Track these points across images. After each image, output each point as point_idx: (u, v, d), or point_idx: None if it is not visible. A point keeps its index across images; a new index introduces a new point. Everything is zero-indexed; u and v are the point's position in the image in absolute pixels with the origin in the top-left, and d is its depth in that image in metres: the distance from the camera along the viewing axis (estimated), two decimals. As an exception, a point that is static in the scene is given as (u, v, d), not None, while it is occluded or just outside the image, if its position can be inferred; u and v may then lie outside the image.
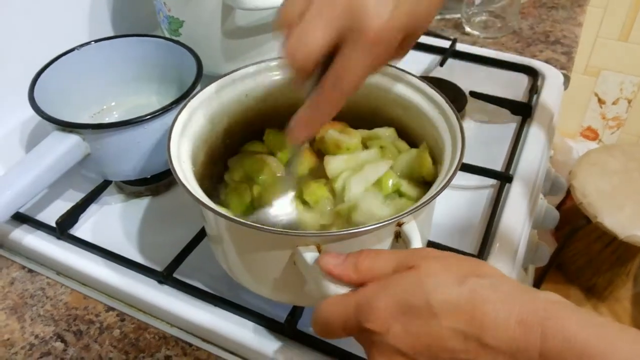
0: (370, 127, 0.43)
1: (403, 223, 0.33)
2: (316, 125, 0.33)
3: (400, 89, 0.42)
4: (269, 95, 0.44)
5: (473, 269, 0.27)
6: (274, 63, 0.43)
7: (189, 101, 0.40)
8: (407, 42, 0.34)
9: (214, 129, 0.42)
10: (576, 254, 1.29)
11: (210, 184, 0.41)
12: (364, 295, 0.27)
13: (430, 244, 0.43)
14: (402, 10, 0.30)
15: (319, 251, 0.32)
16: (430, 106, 0.40)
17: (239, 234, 0.35)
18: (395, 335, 0.26)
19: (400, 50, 0.34)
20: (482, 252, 0.44)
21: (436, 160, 0.38)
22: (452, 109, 0.38)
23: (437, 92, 0.40)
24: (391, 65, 0.43)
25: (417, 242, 0.32)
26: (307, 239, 0.32)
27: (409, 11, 0.30)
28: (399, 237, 0.33)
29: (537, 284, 1.22)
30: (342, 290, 0.29)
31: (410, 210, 0.32)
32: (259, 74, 0.43)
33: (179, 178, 0.34)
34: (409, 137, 0.42)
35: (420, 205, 0.32)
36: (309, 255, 0.31)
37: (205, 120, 0.40)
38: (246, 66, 0.43)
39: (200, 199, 0.33)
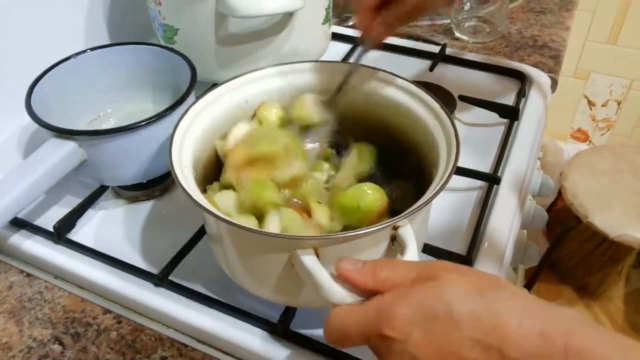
0: (366, 131, 0.44)
1: (399, 227, 0.33)
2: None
3: (397, 95, 0.43)
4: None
5: (492, 282, 0.27)
6: (273, 70, 0.45)
7: (189, 108, 0.41)
8: None
9: (215, 134, 0.43)
10: (568, 254, 1.30)
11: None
12: (385, 302, 0.27)
13: (425, 247, 0.44)
14: None
15: (317, 254, 0.32)
16: (425, 111, 0.41)
17: (239, 237, 0.36)
18: (415, 343, 0.26)
19: None
20: (471, 252, 0.45)
21: (432, 164, 0.40)
22: (447, 114, 0.39)
23: (432, 97, 0.41)
24: (386, 72, 0.44)
25: (412, 245, 0.32)
26: (305, 242, 0.33)
27: None
28: (395, 240, 0.34)
29: (530, 283, 1.24)
30: (348, 295, 0.29)
31: (406, 214, 0.33)
32: (259, 80, 0.44)
33: (180, 183, 0.34)
34: (405, 141, 0.43)
35: (415, 209, 0.33)
36: (307, 258, 0.32)
37: (205, 126, 0.41)
38: (246, 73, 0.44)
39: (201, 203, 0.34)
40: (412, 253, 0.32)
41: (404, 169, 0.43)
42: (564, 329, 0.24)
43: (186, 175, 0.36)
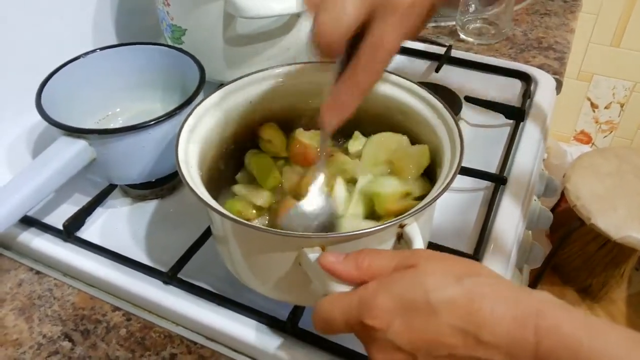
0: (370, 132, 0.45)
1: (405, 225, 0.34)
2: (350, 107, 0.33)
3: (401, 95, 0.43)
4: (272, 102, 0.46)
5: (470, 269, 0.28)
6: (277, 70, 0.45)
7: (195, 107, 0.41)
8: (432, 11, 0.34)
9: (220, 134, 0.43)
10: (571, 256, 1.31)
11: (217, 186, 0.42)
12: (366, 292, 0.28)
13: (429, 245, 0.44)
14: None
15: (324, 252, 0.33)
16: (429, 112, 0.41)
17: (245, 236, 0.36)
18: (396, 332, 0.27)
19: (426, 19, 0.34)
20: (477, 252, 0.45)
21: (436, 164, 0.40)
22: (450, 114, 0.39)
23: (436, 97, 0.41)
24: (391, 72, 0.44)
25: (418, 243, 0.33)
26: (312, 240, 0.33)
27: None
28: (401, 239, 0.34)
29: (533, 285, 1.24)
30: (347, 289, 0.30)
31: (412, 213, 0.33)
32: (263, 81, 0.45)
33: (186, 181, 0.35)
34: (411, 142, 0.44)
35: (421, 207, 0.33)
36: (314, 256, 0.32)
37: (211, 126, 0.42)
38: (251, 73, 0.44)
39: (208, 201, 0.34)
40: None
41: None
42: (535, 311, 0.25)
43: (192, 174, 0.37)
